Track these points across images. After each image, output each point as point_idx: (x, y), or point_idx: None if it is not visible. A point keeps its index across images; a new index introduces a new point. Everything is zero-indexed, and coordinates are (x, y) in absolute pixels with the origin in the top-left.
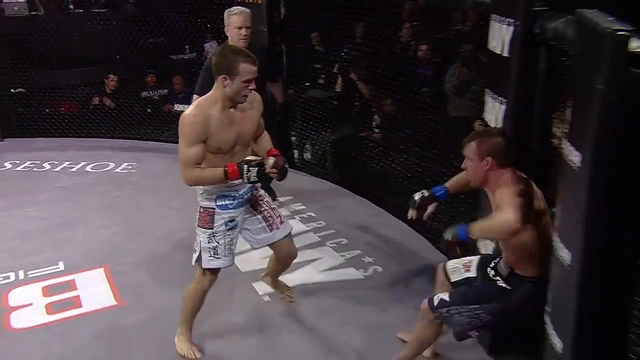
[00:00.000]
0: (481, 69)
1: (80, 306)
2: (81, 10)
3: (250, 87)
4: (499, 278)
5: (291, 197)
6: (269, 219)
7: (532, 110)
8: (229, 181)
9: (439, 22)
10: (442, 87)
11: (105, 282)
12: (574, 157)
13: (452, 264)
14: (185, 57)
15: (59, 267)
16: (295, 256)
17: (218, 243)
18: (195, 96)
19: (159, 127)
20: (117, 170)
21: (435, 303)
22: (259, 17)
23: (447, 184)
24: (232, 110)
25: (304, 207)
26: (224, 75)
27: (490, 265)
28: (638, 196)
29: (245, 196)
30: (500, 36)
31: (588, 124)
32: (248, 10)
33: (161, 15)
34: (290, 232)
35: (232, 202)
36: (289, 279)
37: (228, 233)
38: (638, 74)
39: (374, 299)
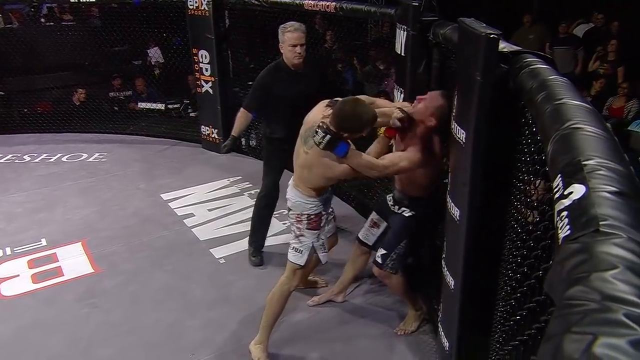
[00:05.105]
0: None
1: (62, 275)
2: (52, 23)
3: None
4: (404, 208)
5: (240, 177)
6: (332, 211)
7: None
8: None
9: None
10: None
11: (83, 254)
12: (460, 134)
13: (362, 232)
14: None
15: (41, 243)
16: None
17: (323, 239)
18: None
19: (125, 122)
20: (90, 159)
21: (380, 261)
22: (206, 27)
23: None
24: None
25: (251, 185)
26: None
27: (390, 203)
28: (507, 161)
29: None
30: (399, 40)
31: (470, 107)
32: (303, 26)
33: (123, 27)
34: None
35: (326, 198)
36: (243, 246)
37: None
38: (505, 68)
39: None
